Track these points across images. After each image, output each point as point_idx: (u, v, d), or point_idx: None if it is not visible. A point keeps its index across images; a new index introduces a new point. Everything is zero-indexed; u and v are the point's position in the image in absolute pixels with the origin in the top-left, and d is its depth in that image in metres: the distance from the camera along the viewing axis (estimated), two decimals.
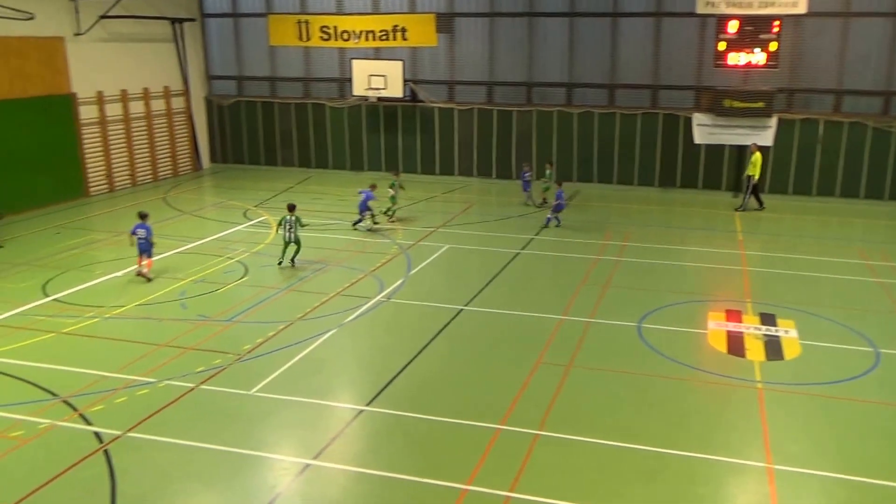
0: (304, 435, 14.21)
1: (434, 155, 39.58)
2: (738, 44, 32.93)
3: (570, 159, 37.13)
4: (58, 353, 17.64)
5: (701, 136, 34.85)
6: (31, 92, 31.91)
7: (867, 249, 26.48)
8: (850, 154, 33.99)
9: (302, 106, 41.03)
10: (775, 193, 34.74)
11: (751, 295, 21.74)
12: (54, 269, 23.75)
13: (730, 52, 33.15)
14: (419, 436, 14.08)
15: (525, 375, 16.44)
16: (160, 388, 15.80)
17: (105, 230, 29.04)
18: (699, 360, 17.58)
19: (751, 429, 14.33)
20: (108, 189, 35.85)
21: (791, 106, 34.46)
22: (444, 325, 19.41)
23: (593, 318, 19.83)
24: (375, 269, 23.77)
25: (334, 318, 19.73)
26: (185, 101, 40.53)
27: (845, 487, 12.52)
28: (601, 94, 36.81)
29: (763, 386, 16.09)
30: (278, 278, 22.97)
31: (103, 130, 35.44)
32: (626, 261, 24.92)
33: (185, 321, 19.57)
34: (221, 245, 26.44)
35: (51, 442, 13.82)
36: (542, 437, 13.90)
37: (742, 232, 28.97)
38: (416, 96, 38.84)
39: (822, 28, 33.47)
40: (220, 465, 13.11)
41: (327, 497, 12.31)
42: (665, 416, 14.85)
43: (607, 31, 36.11)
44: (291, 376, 16.47)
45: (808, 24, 33.45)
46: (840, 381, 16.37)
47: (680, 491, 12.33)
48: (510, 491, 12.21)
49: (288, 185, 37.16)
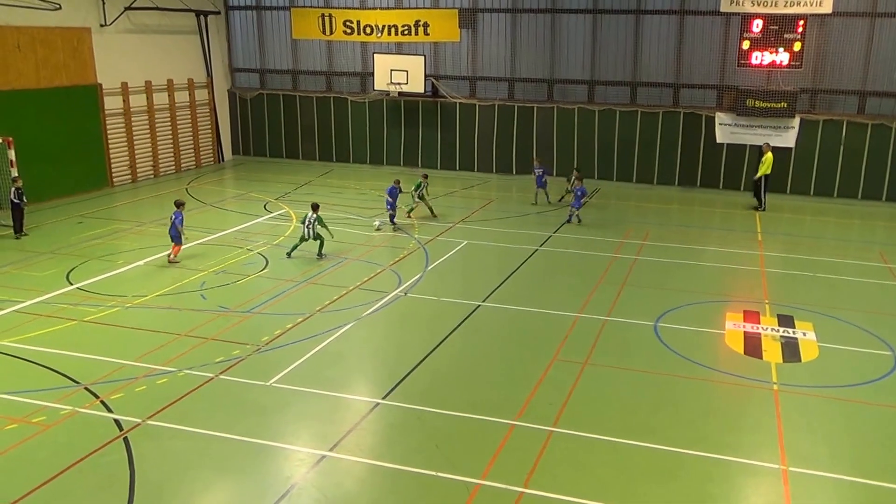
0: (320, 427, 14.32)
1: (454, 151, 39.65)
2: (762, 43, 32.92)
3: (591, 157, 37.09)
4: (80, 340, 17.88)
5: (723, 135, 34.88)
6: (57, 82, 32.21)
7: (889, 253, 26.32)
8: (874, 156, 33.74)
9: (324, 100, 41.16)
10: (797, 194, 34.65)
11: (769, 296, 21.68)
12: (78, 258, 24.01)
13: (753, 52, 33.14)
14: (434, 430, 14.15)
15: (541, 372, 16.51)
16: (179, 377, 15.99)
17: (128, 220, 29.32)
18: (716, 360, 17.57)
19: (766, 430, 14.31)
20: (132, 180, 36.16)
21: (814, 107, 34.25)
22: (461, 321, 19.48)
23: (610, 316, 19.86)
24: (394, 264, 23.90)
25: (352, 312, 19.85)
26: (208, 93, 40.77)
27: (860, 491, 12.48)
28: (623, 92, 36.72)
29: (779, 387, 16.06)
30: (297, 271, 23.11)
31: (127, 121, 35.73)
32: (644, 259, 24.91)
33: (205, 312, 19.75)
34: (242, 237, 26.64)
35: (72, 428, 14.02)
36: (556, 434, 13.96)
37: (762, 233, 28.87)
38: (438, 91, 38.90)
39: (847, 28, 33.22)
40: (236, 455, 13.25)
41: (342, 489, 12.40)
42: (680, 415, 14.86)
43: (630, 28, 36.01)
44: (309, 368, 16.61)
45: (833, 24, 33.23)
46: (858, 384, 16.30)
47: (694, 491, 12.36)
48: (524, 487, 12.29)
49: (308, 178, 37.33)
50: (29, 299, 20.43)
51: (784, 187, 34.71)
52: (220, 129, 41.82)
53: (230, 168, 41.02)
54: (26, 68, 30.96)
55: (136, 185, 35.82)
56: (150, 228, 27.82)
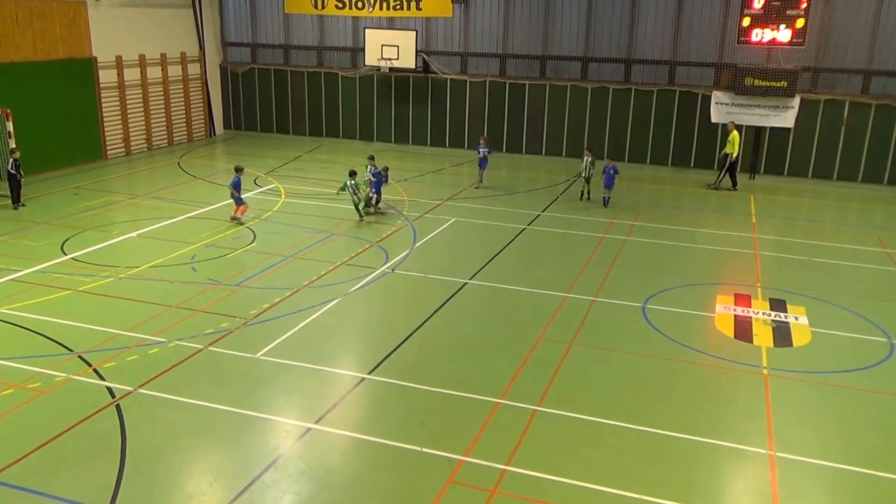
0: (306, 400, 14.51)
1: (444, 127, 39.66)
2: (763, 19, 32.39)
3: (581, 135, 37.07)
4: (74, 309, 18.11)
5: (718, 115, 34.61)
6: (53, 55, 32.29)
7: (887, 237, 26.24)
8: (876, 138, 33.35)
9: (315, 75, 41.14)
10: (794, 176, 34.59)
11: (761, 280, 21.71)
12: (72, 229, 24.22)
13: (754, 28, 32.62)
14: (419, 406, 14.31)
15: (527, 351, 16.66)
16: (170, 347, 16.19)
17: (122, 192, 29.49)
18: (705, 343, 17.62)
19: (754, 415, 14.37)
20: (125, 153, 36.24)
21: (815, 86, 33.89)
22: (447, 298, 19.63)
23: (598, 296, 19.96)
24: (381, 240, 24.04)
25: (339, 287, 20.00)
26: (200, 67, 40.75)
27: (848, 478, 12.55)
28: (617, 70, 36.58)
29: (769, 372, 16.10)
30: (285, 245, 23.24)
31: (121, 95, 35.78)
32: (634, 240, 24.98)
33: (196, 284, 19.93)
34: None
35: (66, 395, 14.28)
36: (540, 413, 14.11)
37: (756, 215, 28.85)
38: (429, 67, 38.91)
39: (853, 4, 32.70)
40: (225, 425, 13.44)
41: (327, 460, 12.59)
42: (666, 398, 14.96)
43: (626, 3, 35.78)
44: (296, 342, 16.78)
45: (838, 0, 32.79)
46: (850, 370, 16.32)
47: (679, 474, 12.45)
48: (507, 464, 12.45)
49: (298, 153, 37.46)
50: (25, 268, 20.65)
51: (781, 169, 34.69)
52: (211, 103, 41.81)
53: (221, 142, 41.06)
54: (24, 41, 31.01)
55: (129, 157, 35.91)
56: (143, 201, 28.00)
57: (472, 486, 11.91)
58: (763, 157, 35.06)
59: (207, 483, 11.85)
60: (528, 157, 37.92)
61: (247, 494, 11.55)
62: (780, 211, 30.02)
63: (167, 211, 26.56)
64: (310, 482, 11.92)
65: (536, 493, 11.78)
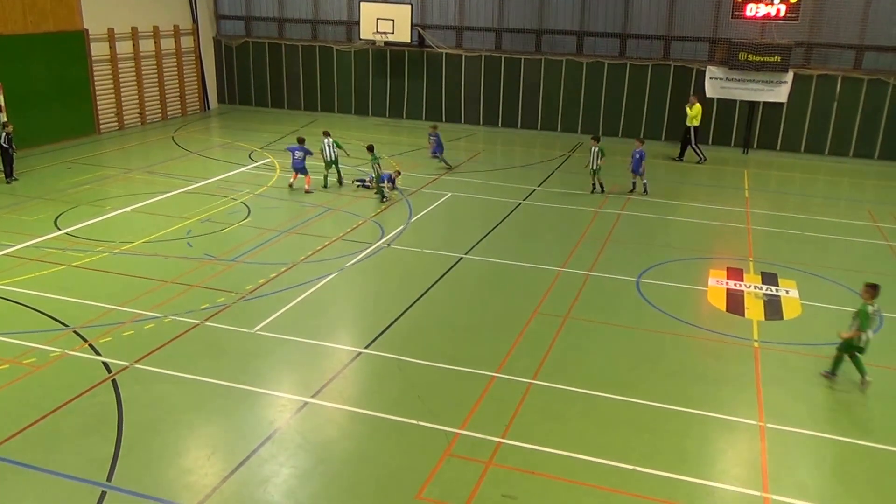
0: (302, 374, 14.60)
1: (440, 102, 39.60)
2: None
3: (576, 110, 37.13)
4: (68, 285, 18.13)
5: (713, 89, 34.65)
6: (43, 27, 32.07)
7: (878, 211, 26.43)
8: (868, 113, 33.55)
9: (309, 48, 41.00)
10: (787, 151, 34.76)
11: (753, 254, 21.88)
12: (66, 204, 24.21)
13: (748, 3, 32.67)
14: (415, 380, 14.41)
15: (522, 325, 16.76)
16: (166, 322, 16.23)
17: (115, 167, 29.42)
18: (697, 316, 17.78)
19: (745, 387, 14.53)
20: (118, 127, 36.13)
21: (809, 61, 33.96)
22: (443, 273, 19.71)
23: (592, 271, 20.07)
24: (377, 215, 24.10)
25: (335, 262, 20.06)
26: (194, 40, 40.57)
27: (837, 448, 12.75)
28: (612, 44, 36.54)
29: (760, 345, 16.28)
30: (281, 220, 23.29)
31: (114, 68, 35.60)
32: (628, 215, 25.10)
33: (191, 259, 19.96)
34: (226, 186, 26.79)
35: (62, 370, 14.32)
36: (535, 387, 14.22)
37: (749, 189, 29.00)
38: (424, 41, 38.78)
39: None
40: (221, 399, 13.53)
41: (324, 434, 12.68)
42: (659, 370, 15.09)
43: None
44: (292, 317, 16.84)
45: None
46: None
47: (671, 445, 12.60)
48: (502, 437, 12.56)
49: (293, 127, 37.31)
50: (18, 243, 20.66)
51: (774, 144, 34.83)
52: (205, 77, 41.69)
53: (216, 116, 40.98)
54: (13, 13, 30.79)
55: (122, 132, 35.82)
56: (137, 175, 27.97)
57: (468, 458, 12.01)
58: (756, 131, 35.15)
59: (205, 457, 11.93)
60: (524, 131, 37.93)
61: (244, 468, 11.63)
62: (772, 185, 30.23)
63: (161, 186, 26.56)
64: (307, 456, 12.01)
65: (531, 464, 11.89)
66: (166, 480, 11.34)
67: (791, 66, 33.48)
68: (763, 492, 11.47)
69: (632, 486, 11.49)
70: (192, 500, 10.88)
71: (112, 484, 11.18)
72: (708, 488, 11.59)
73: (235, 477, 11.43)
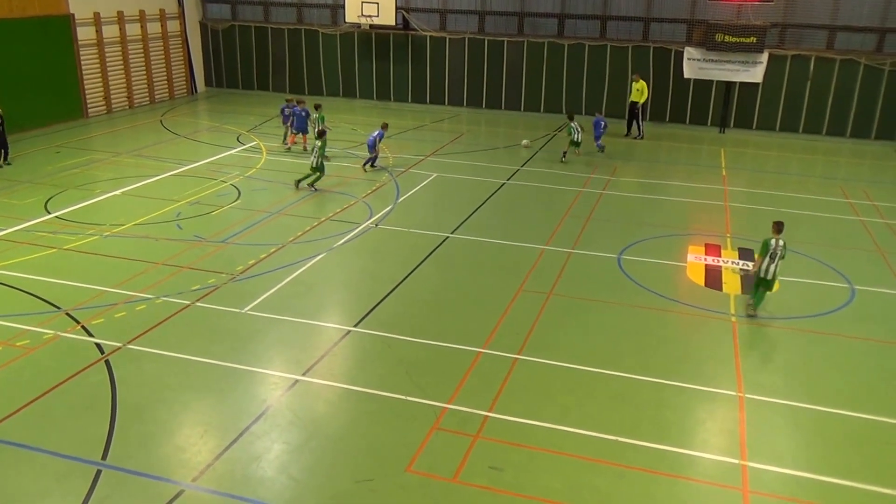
0: (293, 352, 14.81)
1: (425, 84, 39.75)
2: None
3: (559, 92, 37.38)
4: (60, 267, 18.29)
5: (691, 70, 35.00)
6: (29, 12, 32.05)
7: (850, 188, 26.98)
8: (840, 92, 34.16)
9: (295, 32, 41.05)
10: (763, 130, 35.27)
11: (731, 230, 22.34)
12: (56, 188, 24.35)
13: None
14: (404, 356, 14.68)
15: (507, 302, 17.06)
16: (157, 304, 16.44)
17: (104, 150, 29.52)
18: (676, 291, 18.14)
19: (724, 359, 14.92)
20: (106, 111, 36.18)
21: (783, 41, 34.42)
22: (430, 252, 19.98)
23: (575, 248, 20.39)
24: (365, 196, 24.30)
25: (324, 243, 20.30)
26: (180, 24, 40.54)
27: (814, 417, 13.10)
28: (593, 26, 36.78)
29: (737, 318, 16.67)
30: (270, 202, 23.49)
31: (101, 52, 35.60)
32: (610, 194, 25.41)
33: (181, 241, 20.15)
34: (215, 168, 26.96)
35: (55, 351, 14.50)
36: (521, 361, 14.53)
37: (726, 168, 29.44)
38: (409, 24, 38.90)
39: None
40: (213, 378, 13.76)
41: (315, 411, 12.95)
42: (640, 344, 15.45)
43: None
44: (282, 297, 17.07)
45: None
46: (814, 315, 16.94)
47: (652, 416, 12.94)
48: (489, 411, 12.86)
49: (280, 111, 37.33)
50: (9, 227, 20.81)
51: (750, 123, 35.33)
52: (192, 60, 41.69)
53: (203, 99, 41.06)
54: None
55: (111, 115, 35.88)
56: (126, 159, 28.10)
57: (456, 432, 12.31)
58: (733, 111, 35.69)
59: (198, 434, 12.15)
60: (507, 112, 38.19)
61: (237, 445, 11.87)
62: (749, 163, 30.66)
63: (150, 169, 26.72)
64: (299, 432, 12.26)
65: (517, 437, 12.20)
66: (161, 458, 11.54)
67: (766, 46, 33.91)
68: (741, 460, 11.82)
69: (615, 457, 11.81)
70: (186, 477, 11.11)
71: (107, 462, 11.38)
72: (688, 457, 11.95)
73: (229, 454, 11.65)
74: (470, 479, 11.22)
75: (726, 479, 11.45)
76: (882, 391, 13.99)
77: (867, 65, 33.45)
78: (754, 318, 16.59)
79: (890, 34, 33.25)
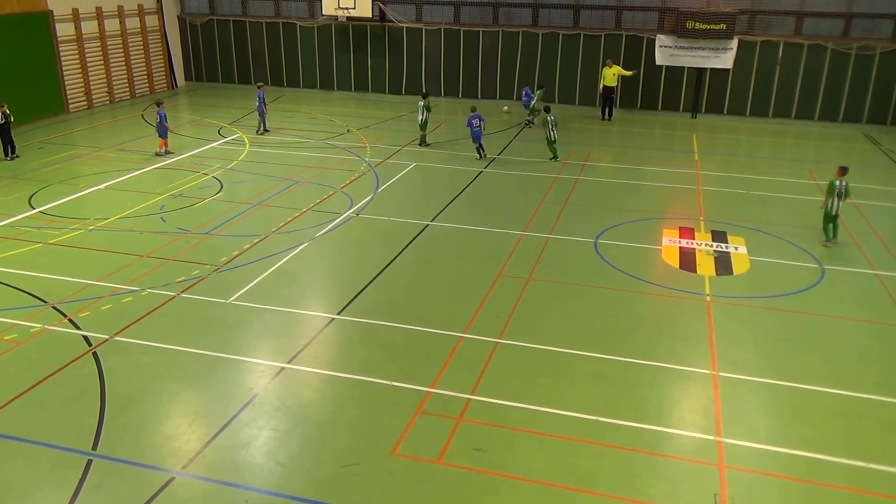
0: (278, 341, 15.03)
1: (402, 74, 39.99)
2: None
3: (532, 80, 37.54)
4: (45, 262, 18.42)
5: (662, 57, 35.50)
6: (7, 9, 32.10)
7: (818, 170, 27.43)
8: (808, 76, 34.81)
9: (273, 25, 41.16)
10: (734, 115, 35.84)
11: (704, 213, 22.70)
12: (39, 183, 24.47)
13: None
14: (387, 342, 14.94)
15: (487, 287, 17.35)
16: (143, 296, 16.63)
17: (86, 145, 29.62)
18: (652, 274, 18.50)
19: (698, 339, 15.27)
20: (87, 106, 36.25)
21: (752, 28, 34.94)
22: (411, 240, 20.25)
23: (552, 233, 20.73)
24: (345, 186, 24.52)
25: (306, 233, 20.53)
26: (158, 19, 40.60)
27: (786, 393, 13.45)
28: (566, 15, 37.13)
29: (712, 299, 17.05)
30: (252, 193, 23.68)
31: (80, 48, 35.64)
32: (585, 179, 25.78)
33: (165, 234, 20.32)
34: (197, 161, 27.14)
35: (43, 344, 14.67)
36: (501, 345, 14.82)
37: (699, 152, 29.89)
38: (385, 16, 39.08)
39: None
40: (200, 368, 13.97)
41: (301, 398, 13.18)
42: (616, 325, 15.78)
43: None
44: (266, 286, 17.28)
45: None
46: (785, 294, 17.33)
47: (628, 394, 13.26)
48: (471, 394, 13.15)
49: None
50: None
51: (721, 108, 35.91)
52: (171, 55, 41.77)
53: (184, 94, 41.13)
54: None
55: (91, 111, 35.96)
56: (109, 153, 28.24)
57: (439, 415, 12.58)
58: (704, 97, 36.27)
59: (187, 423, 12.35)
60: (484, 101, 38.32)
61: (226, 432, 12.09)
62: (720, 148, 31.21)
63: (133, 163, 26.87)
64: (286, 418, 12.49)
65: (499, 418, 12.50)
66: (150, 447, 11.72)
67: (736, 33, 34.51)
68: (717, 436, 12.15)
69: (595, 436, 12.12)
70: (176, 464, 11.30)
71: (98, 452, 11.55)
72: (666, 435, 12.28)
73: (217, 441, 11.86)
74: (454, 460, 11.47)
75: (703, 454, 11.77)
76: (852, 368, 14.37)
77: (834, 49, 34.08)
78: (832, 246, 19.40)
79: (856, 19, 33.88)
